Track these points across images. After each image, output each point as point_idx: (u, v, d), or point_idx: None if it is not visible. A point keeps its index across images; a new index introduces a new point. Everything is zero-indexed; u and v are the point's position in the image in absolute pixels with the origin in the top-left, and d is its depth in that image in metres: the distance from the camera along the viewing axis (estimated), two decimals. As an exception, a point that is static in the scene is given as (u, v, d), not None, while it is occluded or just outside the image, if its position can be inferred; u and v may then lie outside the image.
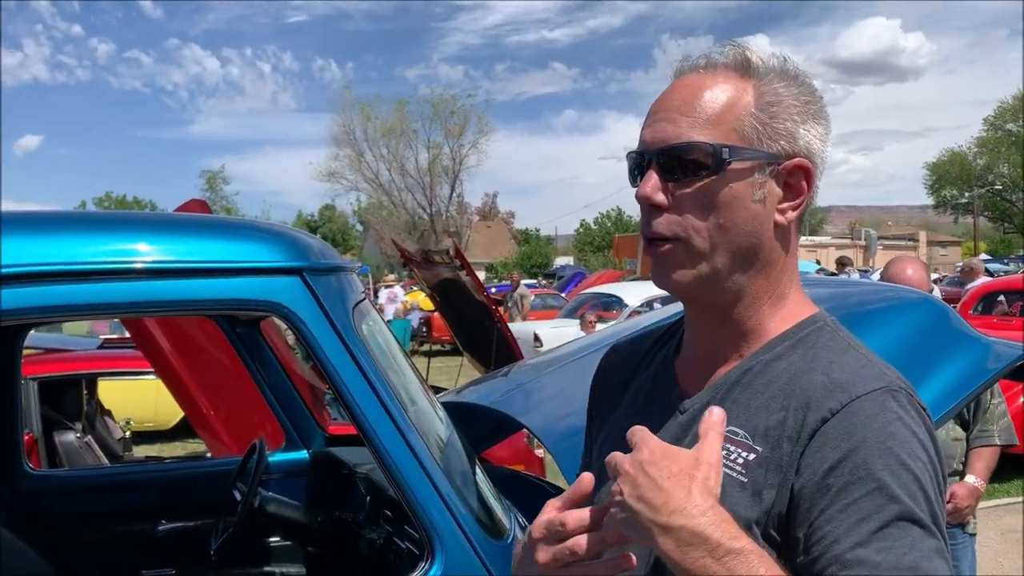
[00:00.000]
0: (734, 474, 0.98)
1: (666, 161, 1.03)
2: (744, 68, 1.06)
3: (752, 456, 0.98)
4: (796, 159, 1.04)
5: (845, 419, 0.94)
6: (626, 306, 12.72)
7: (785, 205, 1.05)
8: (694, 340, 1.13)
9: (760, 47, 1.09)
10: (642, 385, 1.19)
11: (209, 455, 4.79)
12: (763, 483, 0.96)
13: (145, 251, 1.65)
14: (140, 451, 7.27)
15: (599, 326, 8.72)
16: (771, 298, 1.07)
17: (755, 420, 1.00)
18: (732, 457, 0.99)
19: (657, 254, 1.05)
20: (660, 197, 1.03)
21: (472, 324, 7.31)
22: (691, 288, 1.05)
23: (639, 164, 1.07)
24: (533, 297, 16.14)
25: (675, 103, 1.05)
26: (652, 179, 1.04)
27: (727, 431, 0.97)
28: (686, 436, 1.05)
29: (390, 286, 20.21)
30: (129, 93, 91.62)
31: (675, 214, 1.03)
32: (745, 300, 1.06)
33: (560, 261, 55.03)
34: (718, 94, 1.04)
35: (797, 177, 1.05)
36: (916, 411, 0.96)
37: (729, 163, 1.01)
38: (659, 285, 1.08)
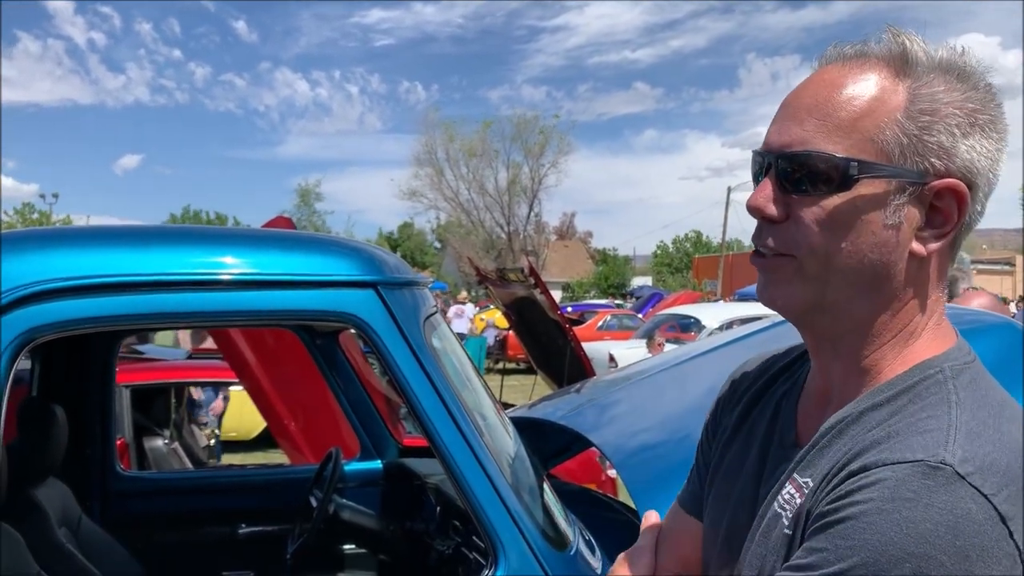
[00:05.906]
0: (786, 528, 0.88)
1: (785, 168, 0.88)
2: (900, 63, 0.87)
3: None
4: (947, 179, 0.85)
5: (857, 482, 0.79)
6: (704, 327, 12.57)
7: (927, 233, 0.87)
8: (814, 372, 0.99)
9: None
10: (760, 416, 1.06)
11: (288, 463, 4.93)
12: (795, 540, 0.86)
13: (230, 264, 1.75)
14: (224, 459, 7.50)
15: (668, 347, 8.63)
16: (895, 336, 0.90)
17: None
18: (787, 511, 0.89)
19: (762, 264, 0.92)
20: (771, 210, 0.89)
21: (546, 342, 7.34)
22: (797, 312, 0.92)
23: (761, 166, 0.92)
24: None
25: (806, 100, 0.89)
26: (766, 188, 0.90)
27: (801, 481, 0.89)
28: None
29: (462, 303, 19.94)
30: (223, 114, 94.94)
31: (790, 229, 0.89)
32: (861, 334, 0.90)
33: (638, 281, 54.56)
34: (858, 94, 0.86)
35: (947, 201, 0.86)
36: (952, 495, 0.75)
37: (857, 180, 0.85)
38: (763, 302, 0.94)
